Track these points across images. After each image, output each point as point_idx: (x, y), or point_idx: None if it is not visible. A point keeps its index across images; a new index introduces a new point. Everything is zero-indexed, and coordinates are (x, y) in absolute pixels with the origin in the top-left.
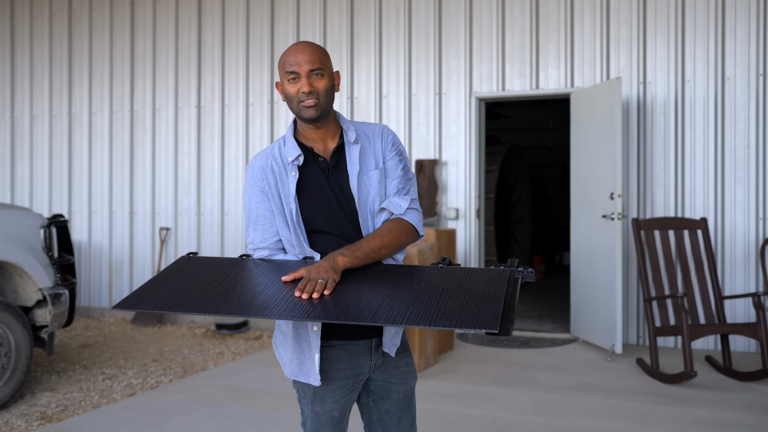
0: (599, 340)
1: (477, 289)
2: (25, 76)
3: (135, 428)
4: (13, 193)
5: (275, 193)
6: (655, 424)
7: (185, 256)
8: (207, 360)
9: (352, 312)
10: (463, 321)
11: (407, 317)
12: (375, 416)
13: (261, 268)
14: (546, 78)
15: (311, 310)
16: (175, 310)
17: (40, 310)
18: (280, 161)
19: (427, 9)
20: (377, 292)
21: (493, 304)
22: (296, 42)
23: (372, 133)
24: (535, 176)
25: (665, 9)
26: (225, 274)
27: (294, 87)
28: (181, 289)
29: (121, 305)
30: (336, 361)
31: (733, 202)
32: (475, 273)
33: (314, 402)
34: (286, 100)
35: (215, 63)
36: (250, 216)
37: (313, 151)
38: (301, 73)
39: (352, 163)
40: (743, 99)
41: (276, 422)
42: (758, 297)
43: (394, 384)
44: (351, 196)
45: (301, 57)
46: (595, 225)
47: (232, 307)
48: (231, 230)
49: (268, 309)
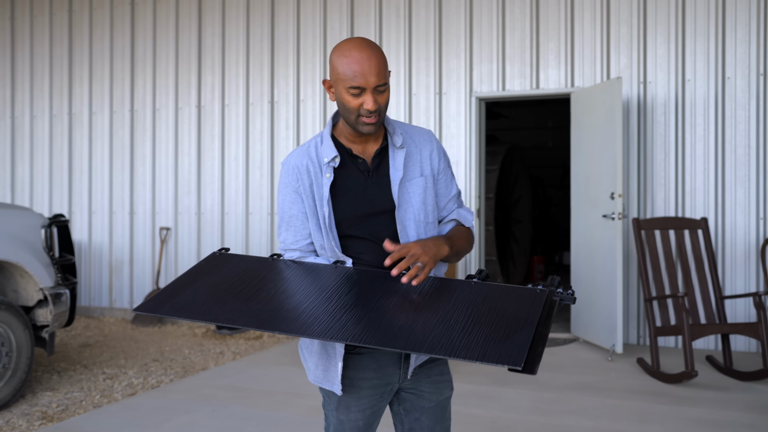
0: (600, 339)
1: (508, 313)
2: (26, 75)
3: (136, 428)
4: (13, 192)
5: (309, 195)
6: (656, 423)
7: (216, 252)
8: (207, 360)
9: (373, 335)
10: (486, 354)
11: (428, 344)
12: (406, 425)
13: (290, 272)
14: (546, 78)
15: (328, 329)
16: (193, 318)
17: (41, 309)
18: (316, 161)
19: (427, 8)
20: (403, 310)
21: (522, 334)
22: (356, 42)
23: (420, 139)
24: (535, 176)
25: (665, 9)
26: (252, 276)
27: (356, 100)
28: (203, 292)
29: (141, 308)
30: (363, 369)
31: (734, 201)
32: (510, 292)
33: (339, 409)
34: (338, 104)
35: (215, 63)
36: (283, 216)
37: (351, 152)
38: (368, 88)
39: (395, 168)
40: (744, 99)
41: (277, 422)
42: (759, 296)
43: (426, 393)
44: (391, 201)
45: (367, 68)
46: (596, 225)
47: (251, 319)
48: (231, 230)
49: (287, 323)
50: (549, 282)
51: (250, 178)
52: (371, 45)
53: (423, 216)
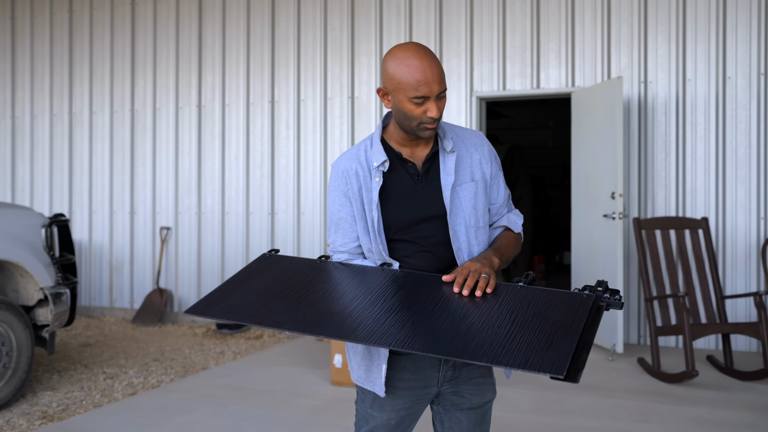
0: (600, 339)
1: (553, 319)
2: (26, 75)
3: (137, 427)
4: (13, 192)
5: (358, 199)
6: (657, 423)
7: (266, 254)
8: (208, 359)
9: (416, 340)
10: (528, 361)
11: (470, 350)
12: (446, 425)
13: (337, 274)
14: (547, 77)
15: (372, 334)
16: (240, 320)
17: (42, 309)
18: (366, 165)
19: (427, 8)
20: (447, 315)
21: (566, 341)
22: (413, 49)
23: (470, 142)
24: (536, 176)
25: (666, 8)
26: (300, 279)
27: (420, 108)
28: (251, 294)
29: (191, 310)
30: (401, 370)
31: (734, 201)
32: (555, 297)
33: (373, 407)
34: (397, 112)
35: (216, 62)
36: (332, 218)
37: (401, 156)
38: (431, 96)
39: (447, 173)
40: (744, 98)
41: (277, 421)
42: (759, 296)
43: (467, 395)
44: (442, 206)
45: (431, 76)
46: (596, 224)
47: (297, 323)
48: (231, 230)
49: (333, 328)
50: (596, 286)
51: (250, 178)
52: (429, 51)
53: (474, 221)
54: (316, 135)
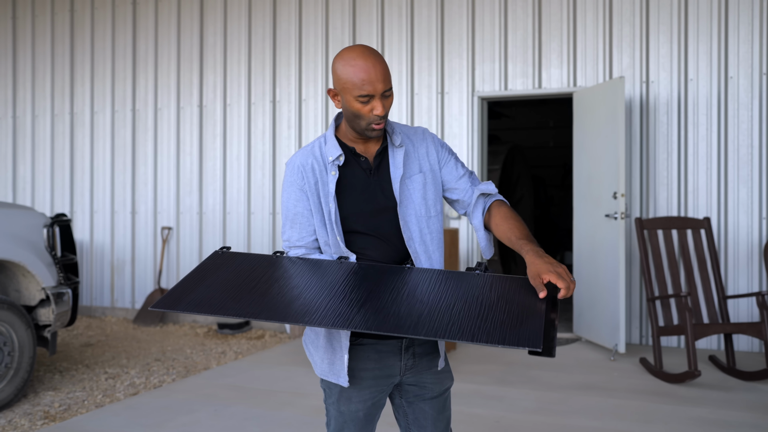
0: (602, 339)
1: (517, 302)
2: (27, 75)
3: (139, 427)
4: (15, 192)
5: (315, 192)
6: (659, 423)
7: (218, 251)
8: (209, 359)
9: (392, 322)
10: (506, 338)
11: (449, 330)
12: (411, 417)
13: (297, 268)
14: (548, 77)
15: (351, 319)
16: (213, 313)
17: (43, 309)
18: (321, 160)
19: (429, 8)
20: (416, 300)
21: (535, 321)
22: (359, 50)
23: (415, 137)
24: (537, 176)
25: (668, 8)
26: (261, 273)
27: (366, 107)
28: (217, 288)
29: (158, 305)
30: (364, 360)
31: (737, 201)
32: (513, 283)
33: (340, 401)
34: (345, 111)
35: (217, 62)
36: (288, 214)
37: (354, 151)
38: (376, 94)
39: (395, 166)
40: (746, 98)
41: (279, 421)
42: (762, 296)
43: (429, 384)
44: (392, 198)
45: (374, 75)
46: (598, 224)
47: (271, 312)
48: (233, 230)
49: (308, 315)
50: None
51: (252, 178)
52: (374, 52)
53: (424, 211)
54: (317, 134)
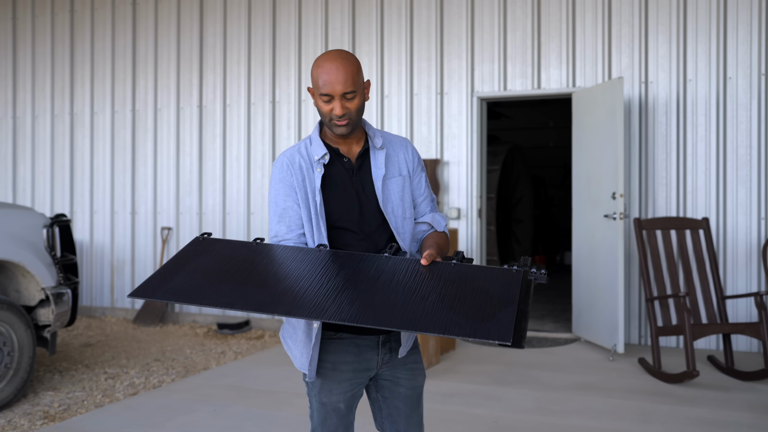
0: (601, 339)
1: (490, 293)
2: (27, 75)
3: (138, 427)
4: (15, 192)
5: (302, 188)
6: (657, 423)
7: (199, 236)
8: (209, 359)
9: (366, 313)
10: (477, 331)
11: (421, 323)
12: (385, 412)
13: (276, 255)
14: (548, 78)
15: (326, 309)
16: (190, 302)
17: (43, 309)
18: (307, 158)
19: (428, 9)
20: (392, 290)
21: (506, 312)
22: (330, 54)
23: (397, 143)
24: (537, 176)
25: (667, 8)
26: (240, 261)
27: (327, 106)
28: (196, 276)
29: (136, 294)
30: (344, 353)
31: (735, 201)
32: (488, 273)
33: (321, 392)
34: (317, 109)
35: (217, 62)
36: (276, 209)
37: (338, 151)
38: (335, 95)
39: (377, 166)
40: (745, 98)
41: (278, 421)
42: (760, 296)
43: (402, 380)
44: (374, 196)
45: (335, 78)
46: (597, 224)
47: (247, 302)
48: (233, 230)
49: (283, 306)
50: (522, 263)
51: (251, 178)
52: (343, 56)
53: (401, 212)
54: None
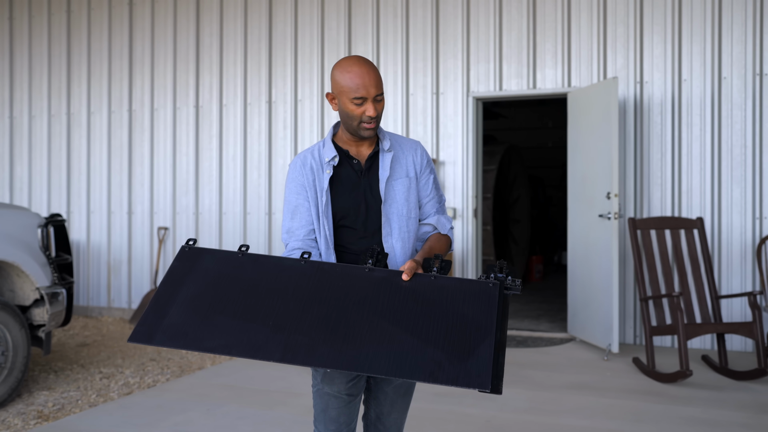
0: (596, 339)
1: (469, 317)
2: (24, 75)
3: (132, 427)
4: (11, 192)
5: (312, 188)
6: (651, 423)
7: (185, 247)
8: (204, 359)
9: (362, 362)
10: (459, 378)
11: (408, 368)
12: (373, 393)
13: (260, 271)
14: (543, 78)
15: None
16: (191, 348)
17: (38, 309)
18: (319, 160)
19: (424, 9)
20: (377, 322)
21: (484, 346)
22: (355, 59)
23: (406, 146)
24: (534, 176)
25: (662, 9)
26: (227, 283)
27: (359, 109)
28: (188, 310)
29: (134, 339)
30: None
31: (730, 201)
32: (466, 288)
33: (324, 381)
34: (341, 113)
35: (213, 63)
36: (289, 207)
37: (348, 153)
38: (369, 98)
39: (384, 168)
40: (740, 98)
41: (271, 421)
42: (754, 296)
43: None
44: (379, 197)
45: (368, 80)
46: (592, 224)
47: (245, 348)
48: (229, 230)
49: (276, 354)
50: (498, 266)
51: (248, 178)
52: (368, 61)
53: (405, 211)
54: (313, 135)
